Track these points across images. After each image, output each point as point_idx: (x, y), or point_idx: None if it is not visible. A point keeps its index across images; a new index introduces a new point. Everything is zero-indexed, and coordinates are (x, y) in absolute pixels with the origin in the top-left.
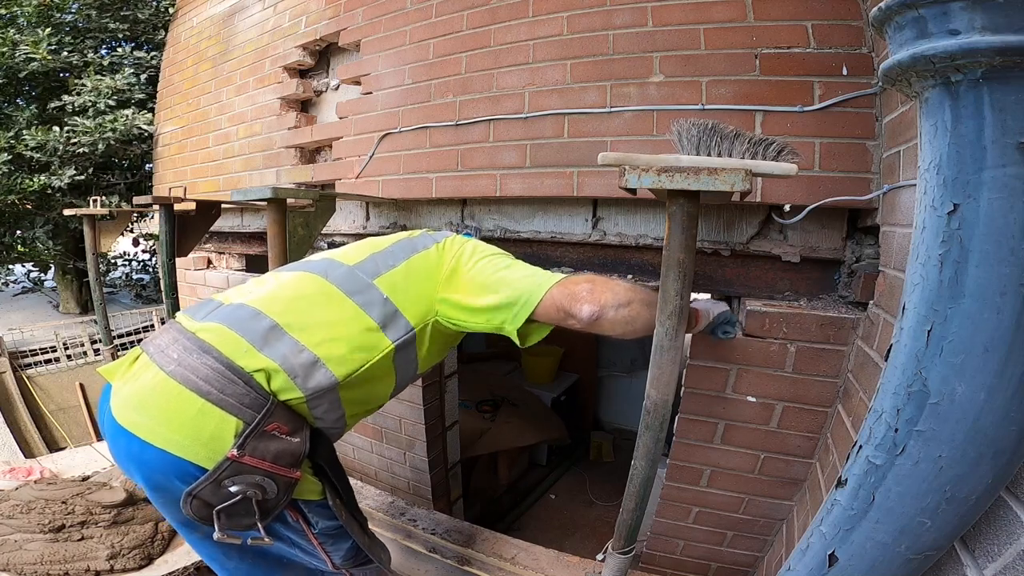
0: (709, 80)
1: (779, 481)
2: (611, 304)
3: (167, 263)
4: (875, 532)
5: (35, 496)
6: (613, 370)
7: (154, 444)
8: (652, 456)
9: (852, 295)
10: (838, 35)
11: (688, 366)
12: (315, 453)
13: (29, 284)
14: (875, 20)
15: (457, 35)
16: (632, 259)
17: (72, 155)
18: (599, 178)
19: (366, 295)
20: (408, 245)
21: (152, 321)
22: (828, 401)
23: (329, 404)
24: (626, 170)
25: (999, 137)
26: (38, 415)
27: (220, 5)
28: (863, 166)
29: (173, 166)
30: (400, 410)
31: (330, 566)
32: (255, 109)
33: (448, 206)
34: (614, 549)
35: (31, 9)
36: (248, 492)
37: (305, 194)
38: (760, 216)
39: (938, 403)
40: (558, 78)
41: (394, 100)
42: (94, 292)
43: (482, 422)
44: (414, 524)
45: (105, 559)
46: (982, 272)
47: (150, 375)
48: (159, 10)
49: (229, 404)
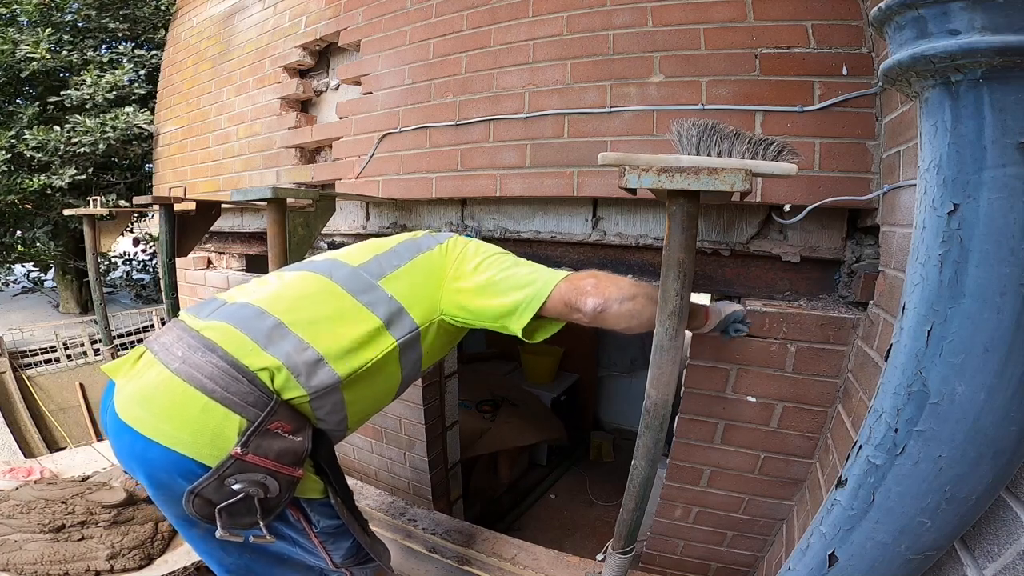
0: (709, 80)
1: (779, 481)
2: (616, 298)
3: (167, 263)
4: (875, 532)
5: (35, 496)
6: (613, 370)
7: (158, 441)
8: (652, 456)
9: (852, 295)
10: (838, 35)
11: (688, 366)
12: (316, 452)
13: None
14: (875, 20)
15: (457, 35)
16: (632, 259)
17: (72, 155)
18: (599, 178)
19: (371, 294)
20: (412, 246)
21: (152, 321)
22: (828, 401)
23: (332, 406)
24: (626, 170)
25: (999, 137)
26: (38, 415)
27: (220, 5)
28: (863, 166)
29: (173, 166)
30: (400, 410)
31: (330, 564)
32: (255, 109)
33: (448, 206)
34: (614, 549)
35: (31, 8)
36: (250, 490)
37: (305, 194)
38: (760, 216)
39: (938, 403)
40: (558, 78)
41: (394, 100)
42: (94, 292)
43: (482, 422)
44: (414, 524)
45: (105, 559)
46: (982, 272)
47: (154, 373)
48: (159, 9)
49: (233, 402)
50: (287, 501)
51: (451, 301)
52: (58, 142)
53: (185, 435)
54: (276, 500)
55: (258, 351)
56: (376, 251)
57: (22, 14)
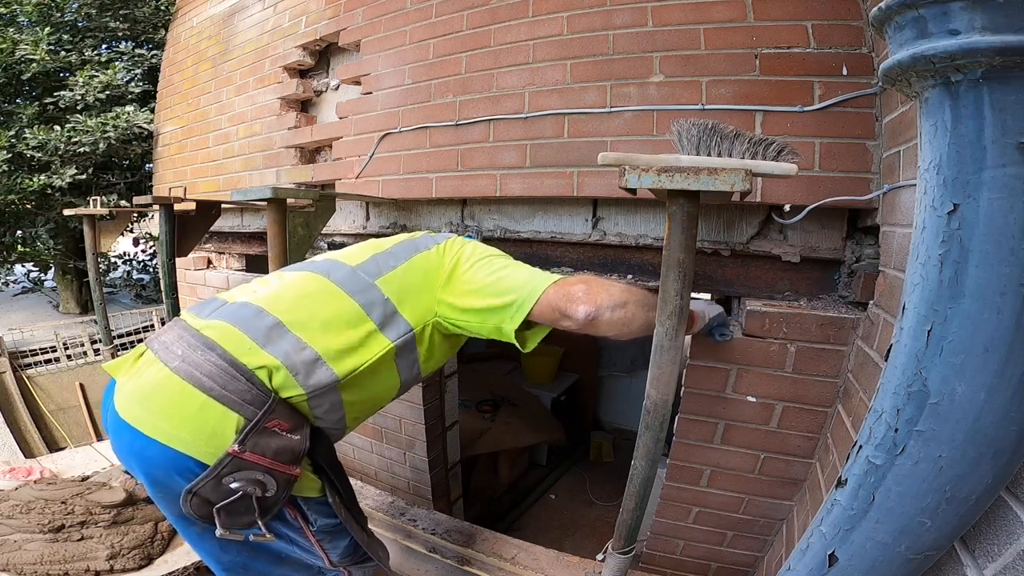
0: (709, 80)
1: (779, 481)
2: (607, 305)
3: (167, 263)
4: (875, 532)
5: (35, 496)
6: (613, 370)
7: (156, 439)
8: (652, 456)
9: (852, 295)
10: (838, 35)
11: (688, 366)
12: (315, 451)
13: (29, 284)
14: (875, 20)
15: (457, 35)
16: (632, 259)
17: (73, 154)
18: (599, 178)
19: (367, 295)
20: (410, 246)
21: (152, 321)
22: (828, 401)
23: (330, 405)
24: (626, 170)
25: (999, 137)
26: (38, 415)
27: (220, 5)
28: (863, 166)
29: (173, 166)
30: (400, 410)
31: (327, 563)
32: (255, 109)
33: (448, 206)
34: (614, 549)
35: (31, 8)
36: (248, 489)
37: (305, 194)
38: (760, 216)
39: (938, 403)
40: (558, 78)
41: (394, 100)
42: (94, 292)
43: (482, 422)
44: (414, 524)
45: (105, 559)
46: (982, 272)
47: (154, 371)
48: (159, 9)
49: (231, 400)
50: (285, 499)
51: (443, 302)
52: (58, 142)
53: (183, 433)
54: (274, 499)
55: (256, 350)
56: (375, 251)
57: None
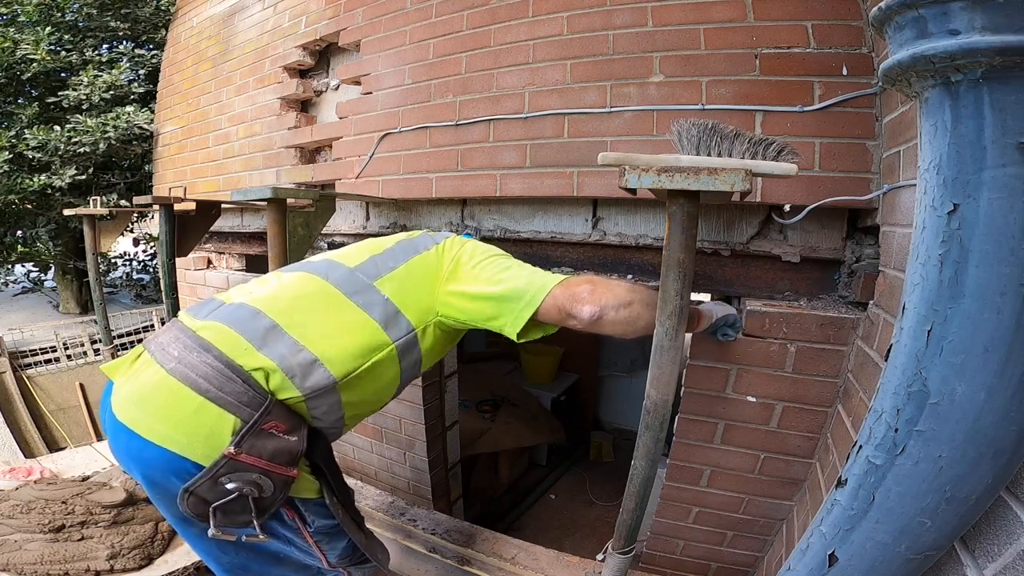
0: (709, 80)
1: (779, 481)
2: (612, 305)
3: (167, 263)
4: (875, 532)
5: (35, 496)
6: (613, 370)
7: (153, 441)
8: (652, 456)
9: (852, 295)
10: (838, 35)
11: (688, 366)
12: (312, 452)
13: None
14: (875, 20)
15: (457, 35)
16: (632, 259)
17: (73, 155)
18: (599, 178)
19: (366, 296)
20: (409, 246)
21: (152, 321)
22: (828, 401)
23: (329, 406)
24: (626, 170)
25: (999, 137)
26: (38, 415)
27: (220, 5)
28: (863, 166)
29: (173, 166)
30: (400, 410)
31: (325, 564)
32: (255, 109)
33: (448, 206)
34: (614, 549)
35: (31, 8)
36: (244, 490)
37: (305, 194)
38: (760, 216)
39: (938, 403)
40: (558, 78)
41: (394, 100)
42: (94, 292)
43: (482, 422)
44: (414, 524)
45: (105, 559)
46: (982, 272)
47: (150, 372)
48: (159, 9)
49: (227, 402)
50: (282, 501)
51: (446, 302)
52: (58, 142)
53: (180, 435)
54: (271, 500)
55: (252, 351)
56: (373, 251)
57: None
